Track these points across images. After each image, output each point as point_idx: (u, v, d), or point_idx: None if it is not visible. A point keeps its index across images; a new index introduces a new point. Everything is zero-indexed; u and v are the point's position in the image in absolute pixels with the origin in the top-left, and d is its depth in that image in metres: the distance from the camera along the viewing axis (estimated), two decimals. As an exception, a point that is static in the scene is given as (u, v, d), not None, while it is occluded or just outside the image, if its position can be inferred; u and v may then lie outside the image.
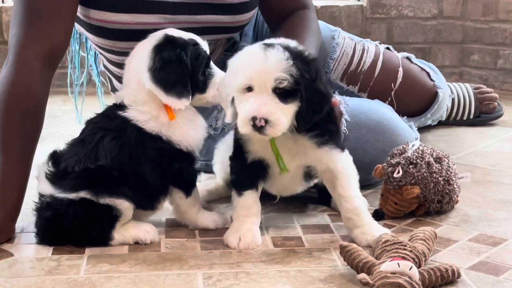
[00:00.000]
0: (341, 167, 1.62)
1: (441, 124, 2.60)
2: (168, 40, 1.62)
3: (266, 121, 1.47)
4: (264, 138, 1.52)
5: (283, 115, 1.49)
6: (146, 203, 1.65)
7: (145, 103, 1.62)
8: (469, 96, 2.62)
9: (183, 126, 1.63)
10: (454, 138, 2.51)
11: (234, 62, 1.57)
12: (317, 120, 1.54)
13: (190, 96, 1.61)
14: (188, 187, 1.68)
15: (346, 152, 1.65)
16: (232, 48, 2.19)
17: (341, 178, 1.62)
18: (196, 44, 1.63)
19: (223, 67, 2.17)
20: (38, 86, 1.74)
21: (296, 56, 1.52)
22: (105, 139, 1.59)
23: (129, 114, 1.61)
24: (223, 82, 1.59)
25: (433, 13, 3.38)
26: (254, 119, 1.47)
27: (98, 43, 1.99)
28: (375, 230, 1.61)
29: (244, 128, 1.50)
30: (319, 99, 1.53)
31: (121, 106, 1.63)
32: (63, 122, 2.65)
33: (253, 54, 1.53)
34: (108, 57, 2.07)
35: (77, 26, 2.03)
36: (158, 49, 1.60)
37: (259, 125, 1.47)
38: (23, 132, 1.70)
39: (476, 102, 2.64)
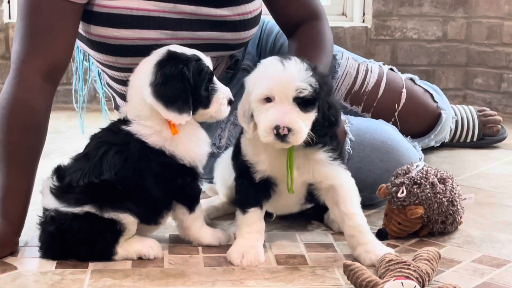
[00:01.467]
0: (344, 185, 1.63)
1: (444, 146, 2.59)
2: (171, 56, 1.63)
3: (289, 130, 1.49)
4: (285, 146, 1.54)
5: (303, 124, 1.52)
6: (149, 217, 1.64)
7: (148, 118, 1.62)
8: (472, 119, 2.61)
9: (186, 141, 1.63)
10: (457, 160, 2.50)
11: (251, 77, 1.60)
12: (331, 133, 1.58)
13: (191, 112, 1.61)
14: (191, 203, 1.67)
15: (348, 170, 1.66)
16: (235, 66, 2.19)
17: (344, 196, 1.63)
18: (198, 59, 1.64)
19: (226, 84, 2.17)
20: (37, 101, 1.73)
21: (313, 69, 1.56)
22: (109, 153, 1.59)
23: (133, 128, 1.61)
24: (242, 100, 1.61)
25: (437, 35, 3.39)
26: (277, 127, 1.50)
27: (100, 59, 1.99)
28: (379, 249, 1.61)
29: (267, 137, 1.52)
30: (334, 112, 1.58)
31: (125, 121, 1.63)
32: (68, 138, 2.63)
33: (271, 65, 1.56)
34: (111, 74, 2.06)
35: (78, 43, 2.02)
36: (160, 65, 1.61)
37: (282, 134, 1.50)
38: (25, 147, 1.70)
39: (480, 124, 2.63)
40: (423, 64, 3.37)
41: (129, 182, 1.58)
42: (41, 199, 1.63)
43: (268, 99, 1.54)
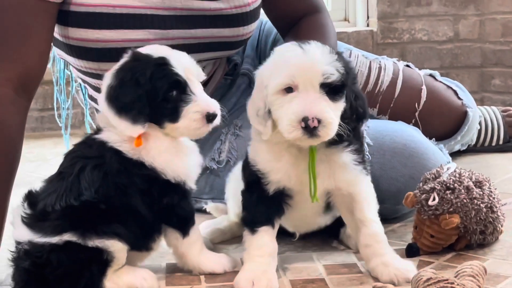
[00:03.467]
0: (363, 191, 1.53)
1: (467, 151, 2.50)
2: (134, 59, 1.49)
3: (319, 121, 1.37)
4: (313, 142, 1.41)
5: (334, 114, 1.40)
6: (140, 241, 1.51)
7: None
8: (497, 120, 2.53)
9: (164, 152, 1.49)
10: (484, 165, 2.40)
11: (265, 68, 1.46)
12: (359, 128, 1.49)
13: (146, 124, 1.46)
14: (183, 226, 1.54)
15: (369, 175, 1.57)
16: (234, 71, 2.10)
17: (361, 201, 1.52)
18: (163, 64, 1.47)
19: (226, 92, 2.03)
20: (8, 116, 1.59)
21: (336, 52, 1.44)
22: (86, 169, 1.47)
23: (103, 136, 1.50)
24: (253, 97, 1.48)
25: (448, 36, 3.39)
26: (305, 119, 1.36)
27: (80, 67, 1.87)
28: (399, 263, 1.49)
29: (293, 132, 1.38)
30: (362, 103, 1.47)
31: (98, 130, 1.53)
32: (54, 165, 2.50)
33: (289, 51, 1.43)
34: (94, 84, 1.94)
35: (55, 50, 1.92)
36: (120, 68, 1.49)
37: (312, 126, 1.36)
38: None
39: (505, 126, 2.55)
40: (435, 67, 3.34)
41: (112, 201, 1.46)
42: (12, 232, 1.49)
43: (289, 89, 1.40)
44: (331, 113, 1.38)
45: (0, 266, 1.54)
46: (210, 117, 1.47)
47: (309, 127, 1.36)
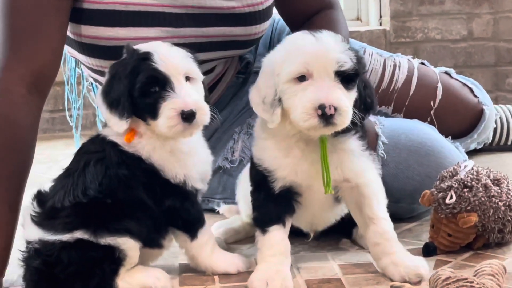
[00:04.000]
0: (370, 183, 1.50)
1: (483, 150, 2.46)
2: (126, 53, 1.48)
3: (335, 109, 1.35)
4: (328, 131, 1.39)
5: (348, 103, 1.38)
6: (151, 236, 1.48)
7: None
8: None
9: (160, 150, 1.46)
10: (500, 165, 2.34)
11: (275, 55, 1.44)
12: (366, 118, 1.47)
13: (128, 120, 1.44)
14: (190, 229, 1.51)
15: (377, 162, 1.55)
16: (246, 69, 2.07)
17: (370, 197, 1.49)
18: (145, 59, 1.43)
19: (238, 90, 2.00)
20: (21, 116, 1.58)
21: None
22: (90, 163, 1.46)
23: (105, 131, 1.50)
24: (259, 85, 1.45)
25: (462, 34, 3.36)
26: (322, 107, 1.34)
27: (92, 65, 1.85)
28: (409, 260, 1.46)
29: (308, 120, 1.36)
30: (370, 93, 1.46)
31: (105, 126, 1.53)
32: (64, 166, 2.53)
33: (301, 39, 1.42)
34: None
35: (67, 49, 1.90)
36: (114, 63, 1.49)
37: (329, 113, 1.34)
38: (7, 169, 1.54)
39: None
40: (449, 66, 3.23)
41: (117, 194, 1.44)
42: (23, 233, 1.47)
43: (302, 78, 1.38)
44: (346, 101, 1.37)
45: (11, 267, 1.53)
46: (185, 115, 1.41)
47: (326, 115, 1.34)
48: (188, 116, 1.40)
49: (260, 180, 1.49)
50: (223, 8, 1.81)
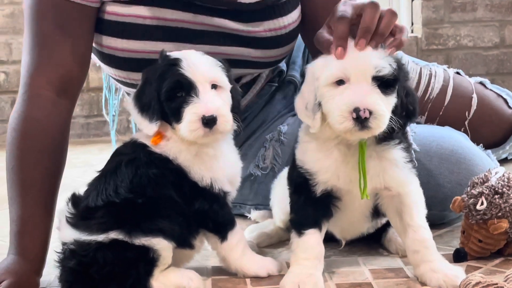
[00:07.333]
0: (412, 193, 1.50)
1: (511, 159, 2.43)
2: (160, 58, 1.51)
3: (370, 113, 1.35)
4: (363, 135, 1.40)
5: (385, 108, 1.38)
6: (183, 234, 1.48)
7: None
8: None
9: (185, 152, 1.48)
10: None
11: (317, 62, 1.47)
12: (408, 126, 1.48)
13: (158, 123, 1.47)
14: (221, 231, 1.52)
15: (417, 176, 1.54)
16: (278, 78, 2.04)
17: (410, 205, 1.49)
18: (173, 65, 1.46)
19: (270, 98, 1.98)
20: (52, 120, 1.60)
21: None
22: (121, 164, 1.49)
23: (137, 135, 1.54)
24: (302, 91, 1.47)
25: (494, 42, 3.36)
26: (357, 110, 1.35)
27: (113, 74, 1.85)
28: (448, 269, 1.45)
29: (343, 123, 1.37)
30: (412, 100, 1.45)
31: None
32: None
33: None
34: (127, 91, 1.93)
35: (92, 57, 1.89)
36: (146, 69, 1.53)
37: (363, 117, 1.35)
38: (41, 172, 1.56)
39: None
40: (481, 74, 3.31)
41: (147, 193, 1.46)
42: (58, 235, 1.49)
43: (341, 82, 1.40)
44: (383, 106, 1.36)
45: (47, 268, 1.54)
46: (205, 120, 1.43)
47: (360, 118, 1.34)
48: (208, 121, 1.42)
49: (301, 182, 1.49)
50: (243, 31, 1.79)
